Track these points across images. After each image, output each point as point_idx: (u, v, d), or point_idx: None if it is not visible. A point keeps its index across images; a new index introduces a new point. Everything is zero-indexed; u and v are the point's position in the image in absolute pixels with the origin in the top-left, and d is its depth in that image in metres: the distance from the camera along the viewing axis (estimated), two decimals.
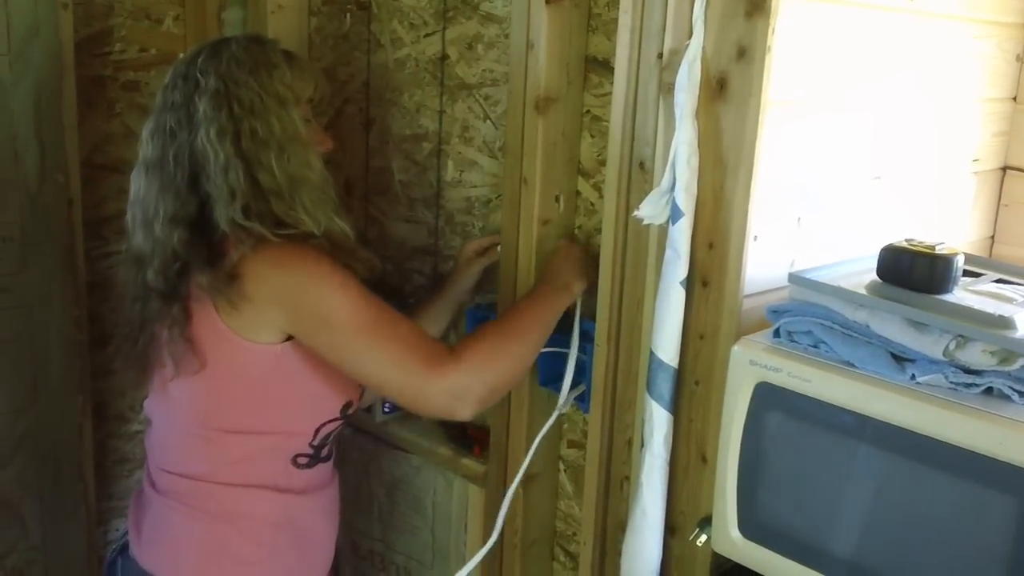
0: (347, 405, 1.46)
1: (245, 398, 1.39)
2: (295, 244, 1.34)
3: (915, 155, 1.43)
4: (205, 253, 1.34)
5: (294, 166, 1.36)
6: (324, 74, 1.47)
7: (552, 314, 1.45)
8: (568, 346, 1.52)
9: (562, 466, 1.66)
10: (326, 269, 1.32)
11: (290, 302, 1.32)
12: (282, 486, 1.42)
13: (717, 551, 1.23)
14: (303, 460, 1.43)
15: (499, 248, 1.58)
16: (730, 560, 1.22)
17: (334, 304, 1.32)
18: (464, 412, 1.34)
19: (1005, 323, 1.03)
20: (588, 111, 1.51)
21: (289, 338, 1.35)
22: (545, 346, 1.52)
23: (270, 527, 1.43)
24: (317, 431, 1.44)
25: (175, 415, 1.43)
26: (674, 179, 1.23)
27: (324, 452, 1.47)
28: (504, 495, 1.54)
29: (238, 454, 1.39)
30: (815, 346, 1.13)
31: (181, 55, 1.45)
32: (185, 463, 1.42)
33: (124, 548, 1.48)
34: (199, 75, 1.36)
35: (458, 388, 1.32)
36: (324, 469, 1.48)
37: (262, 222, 1.33)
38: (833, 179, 1.31)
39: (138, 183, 1.40)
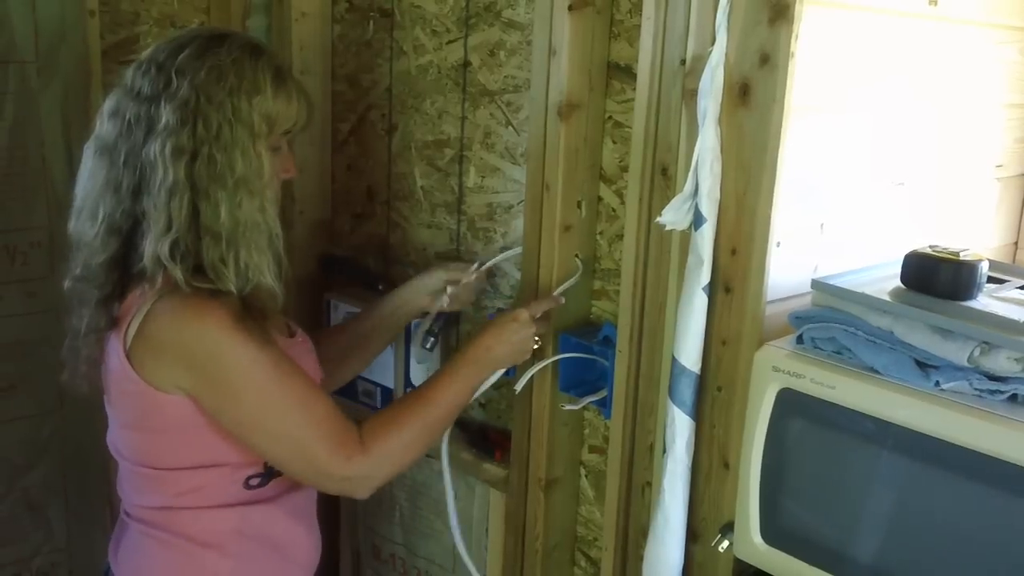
0: None
1: (168, 441, 1.30)
2: (204, 299, 1.22)
3: (938, 161, 1.43)
4: (116, 288, 1.26)
5: (244, 211, 1.24)
6: (336, 84, 1.37)
7: (467, 385, 1.42)
8: (591, 352, 1.52)
9: (583, 471, 1.66)
10: (238, 338, 1.22)
11: (195, 368, 1.23)
12: (240, 501, 1.35)
13: (739, 557, 1.23)
14: (255, 481, 1.35)
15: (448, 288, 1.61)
16: (752, 566, 1.22)
17: (243, 380, 1.23)
18: (361, 495, 1.35)
19: None
20: (610, 117, 1.51)
21: None
22: (567, 352, 1.53)
23: (236, 538, 1.36)
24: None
25: (119, 452, 1.38)
26: (696, 185, 1.23)
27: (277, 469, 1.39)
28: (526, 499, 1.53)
29: (186, 487, 1.32)
30: (838, 352, 1.13)
31: (171, 31, 1.32)
32: (140, 496, 1.37)
33: (108, 568, 1.44)
34: (174, 74, 1.23)
35: (359, 478, 1.31)
36: (283, 479, 1.38)
37: (183, 263, 1.22)
38: (856, 185, 1.31)
39: (86, 160, 1.29)
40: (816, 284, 1.18)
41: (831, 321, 1.14)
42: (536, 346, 1.50)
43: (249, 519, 1.36)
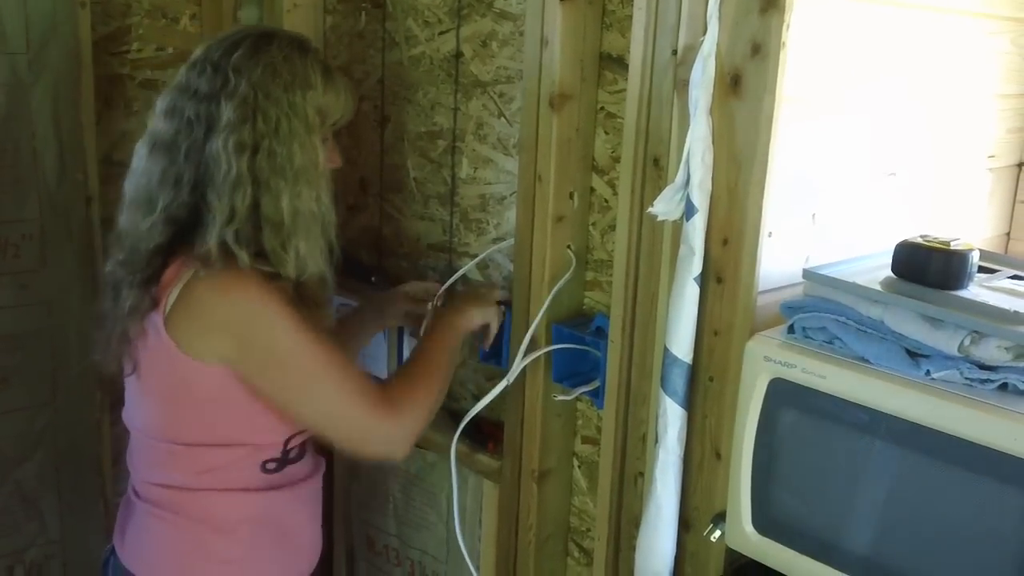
0: None
1: (202, 413, 1.34)
2: (255, 277, 1.28)
3: (930, 151, 1.43)
4: (157, 271, 1.31)
5: (303, 200, 1.31)
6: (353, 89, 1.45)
7: (454, 339, 1.51)
8: (584, 343, 1.52)
9: (576, 462, 1.66)
10: (279, 308, 1.27)
11: (239, 336, 1.28)
12: (255, 486, 1.39)
13: (731, 547, 1.23)
14: (272, 465, 1.40)
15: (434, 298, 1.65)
16: (744, 556, 1.22)
17: (287, 345, 1.28)
18: (401, 454, 1.39)
19: (1020, 319, 1.02)
20: (602, 108, 1.51)
21: None
22: (559, 343, 1.54)
23: (247, 525, 1.40)
24: (286, 442, 1.40)
25: (140, 427, 1.41)
26: (688, 175, 1.23)
27: (292, 455, 1.42)
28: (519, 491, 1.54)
29: (205, 466, 1.36)
30: (830, 342, 1.13)
31: (219, 34, 1.37)
32: (156, 473, 1.40)
33: (114, 548, 1.46)
34: (231, 72, 1.29)
35: (401, 433, 1.36)
36: (298, 468, 1.44)
37: (247, 249, 1.28)
38: (848, 175, 1.31)
39: (140, 158, 1.34)
40: (807, 274, 1.18)
41: (822, 311, 1.14)
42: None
43: (261, 506, 1.40)
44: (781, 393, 1.14)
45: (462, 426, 1.61)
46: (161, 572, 1.41)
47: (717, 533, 1.27)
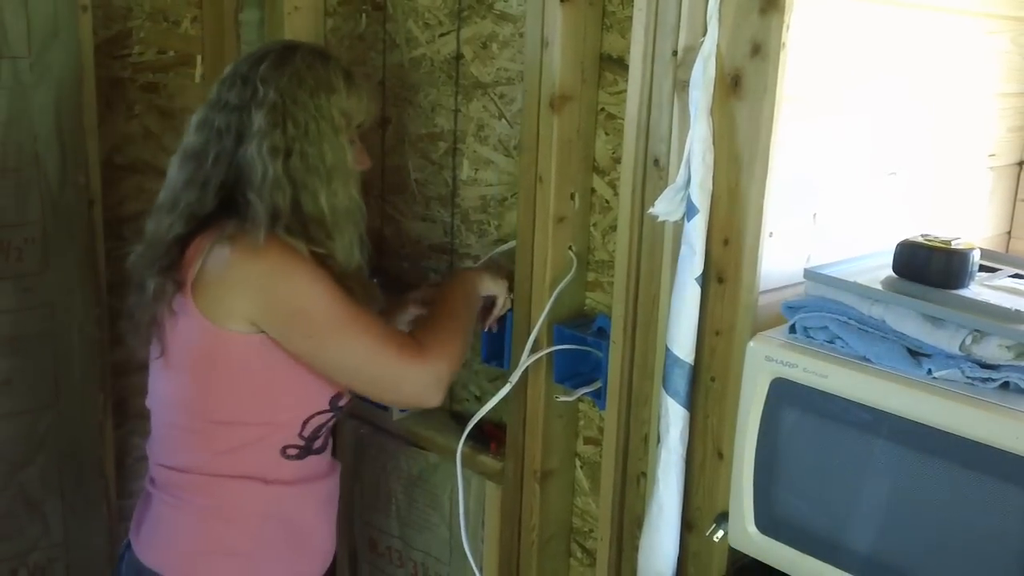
0: (336, 397, 1.44)
1: (226, 388, 1.38)
2: (276, 240, 1.33)
3: (931, 151, 1.43)
4: (178, 258, 1.36)
5: (339, 198, 1.38)
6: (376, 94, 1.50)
7: (473, 293, 1.55)
8: (585, 344, 1.53)
9: (578, 463, 1.66)
10: (299, 264, 1.33)
11: (261, 290, 1.32)
12: (271, 477, 1.42)
13: (734, 546, 1.24)
14: (292, 451, 1.43)
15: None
16: (747, 555, 1.23)
17: (310, 298, 1.33)
18: (436, 399, 1.40)
19: (1021, 318, 1.03)
20: (603, 109, 1.51)
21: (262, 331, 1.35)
22: (561, 344, 1.54)
23: (259, 518, 1.43)
24: (305, 423, 1.43)
25: (164, 408, 1.45)
26: (689, 176, 1.23)
27: (316, 444, 1.46)
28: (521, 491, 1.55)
29: (225, 445, 1.39)
30: (831, 342, 1.13)
31: (246, 52, 1.43)
32: (175, 455, 1.43)
33: (129, 543, 1.48)
34: (259, 83, 1.36)
35: (431, 377, 1.38)
36: (318, 461, 1.47)
37: (301, 240, 1.35)
38: (848, 175, 1.31)
39: (172, 169, 1.41)
40: (809, 274, 1.19)
41: (823, 310, 1.14)
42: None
43: (275, 501, 1.42)
44: (783, 393, 1.14)
45: (468, 430, 1.61)
46: (170, 559, 1.43)
47: (720, 533, 1.27)
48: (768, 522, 1.18)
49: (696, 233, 1.23)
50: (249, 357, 1.35)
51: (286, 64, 1.38)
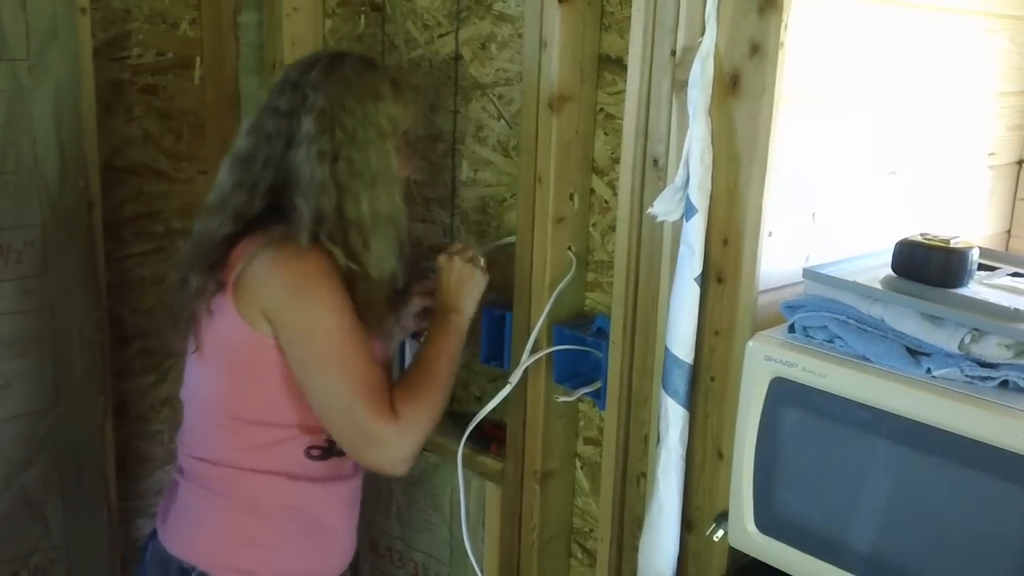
0: None
1: (255, 389, 1.41)
2: (316, 254, 1.35)
3: (930, 150, 1.43)
4: (223, 258, 1.39)
5: (381, 203, 1.40)
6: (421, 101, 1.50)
7: (459, 342, 1.51)
8: (585, 344, 1.53)
9: (579, 463, 1.66)
10: (326, 284, 1.35)
11: (280, 300, 1.35)
12: (296, 474, 1.44)
13: (734, 546, 1.24)
14: (316, 452, 1.45)
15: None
16: (747, 555, 1.23)
17: (320, 323, 1.35)
18: (393, 467, 1.40)
19: (1020, 316, 1.03)
20: (602, 109, 1.51)
21: None
22: (561, 344, 1.54)
23: (283, 512, 1.46)
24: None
25: (197, 401, 1.49)
26: (688, 176, 1.24)
27: (339, 448, 1.47)
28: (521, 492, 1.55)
29: (252, 442, 1.43)
30: (830, 341, 1.13)
31: (296, 60, 1.49)
32: (205, 448, 1.47)
33: (155, 532, 1.52)
34: (308, 90, 1.39)
35: (392, 444, 1.37)
36: (341, 462, 1.49)
37: (340, 248, 1.37)
38: (848, 174, 1.31)
39: (223, 172, 1.45)
40: (808, 273, 1.19)
41: (823, 310, 1.14)
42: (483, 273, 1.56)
43: (299, 496, 1.46)
44: (782, 392, 1.14)
45: (468, 431, 1.61)
46: (195, 548, 1.46)
47: (720, 532, 1.27)
48: (768, 521, 1.18)
49: (695, 233, 1.23)
50: (280, 362, 1.38)
51: (335, 71, 1.41)
